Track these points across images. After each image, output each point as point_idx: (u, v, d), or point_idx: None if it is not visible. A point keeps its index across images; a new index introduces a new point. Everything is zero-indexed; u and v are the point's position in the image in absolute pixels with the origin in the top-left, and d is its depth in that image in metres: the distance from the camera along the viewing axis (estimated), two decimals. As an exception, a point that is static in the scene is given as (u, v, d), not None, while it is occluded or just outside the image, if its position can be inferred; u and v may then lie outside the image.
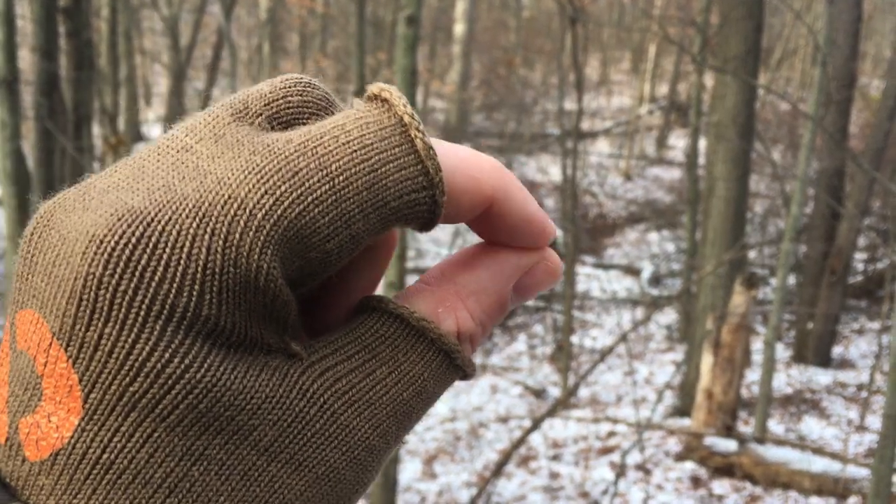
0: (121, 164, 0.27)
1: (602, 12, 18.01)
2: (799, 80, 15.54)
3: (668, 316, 9.06)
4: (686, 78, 14.96)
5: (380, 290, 0.33)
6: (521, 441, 4.72)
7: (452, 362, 0.30)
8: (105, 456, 0.24)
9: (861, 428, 6.02)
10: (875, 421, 6.02)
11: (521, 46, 17.63)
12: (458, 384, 7.78)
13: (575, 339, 8.29)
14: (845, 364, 7.45)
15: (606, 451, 6.01)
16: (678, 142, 16.21)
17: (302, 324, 0.31)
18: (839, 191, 7.35)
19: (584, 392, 7.27)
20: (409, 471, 5.93)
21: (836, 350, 7.65)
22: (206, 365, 0.24)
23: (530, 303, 9.76)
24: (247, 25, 16.18)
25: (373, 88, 0.29)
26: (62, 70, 4.42)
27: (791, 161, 9.83)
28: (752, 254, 9.42)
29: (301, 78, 0.29)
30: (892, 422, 3.17)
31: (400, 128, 0.27)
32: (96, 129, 6.81)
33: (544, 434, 6.31)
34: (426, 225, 0.29)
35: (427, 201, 0.28)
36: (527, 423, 6.52)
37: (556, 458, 6.02)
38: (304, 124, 0.28)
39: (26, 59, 4.95)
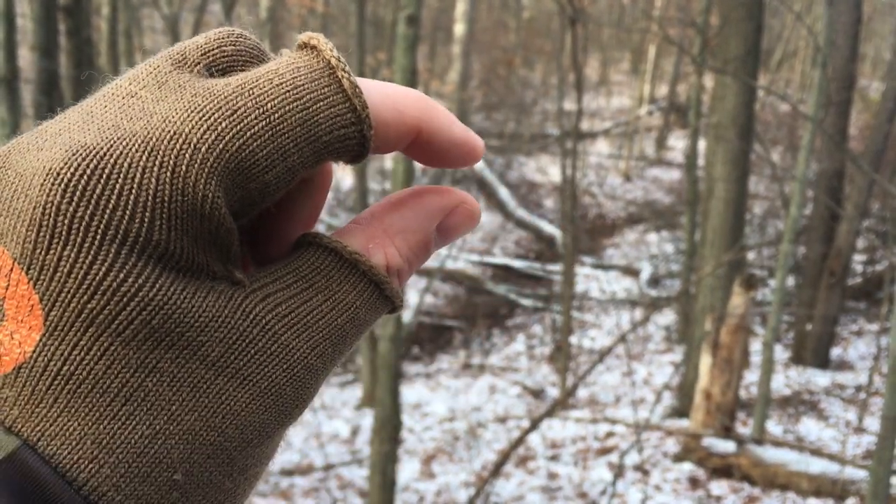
0: (69, 111, 0.29)
1: (602, 13, 18.01)
2: (799, 82, 15.54)
3: (667, 317, 9.06)
4: (686, 79, 14.96)
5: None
6: (520, 441, 4.73)
7: (382, 293, 0.32)
8: (65, 368, 0.26)
9: (859, 429, 6.03)
10: (873, 422, 6.03)
11: (520, 47, 17.64)
12: (457, 385, 7.79)
13: (574, 339, 8.29)
14: (844, 365, 7.45)
15: (605, 451, 6.01)
16: (677, 143, 16.21)
17: (245, 255, 0.33)
18: (838, 192, 7.36)
19: (582, 392, 7.27)
20: (407, 470, 5.93)
21: (835, 351, 7.65)
22: (157, 284, 0.26)
23: (529, 303, 9.76)
24: (247, 24, 16.17)
25: (302, 37, 0.31)
26: (62, 69, 4.42)
27: (790, 162, 9.83)
28: (751, 255, 9.42)
29: (234, 29, 0.32)
30: (891, 423, 3.17)
31: (328, 70, 0.30)
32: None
33: (543, 434, 6.31)
34: (356, 157, 0.31)
35: (356, 135, 0.30)
36: (525, 424, 6.52)
37: (554, 458, 6.02)
38: (237, 70, 0.30)
39: (26, 58, 4.95)
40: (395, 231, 0.33)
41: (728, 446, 5.50)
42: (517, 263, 10.93)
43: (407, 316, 7.99)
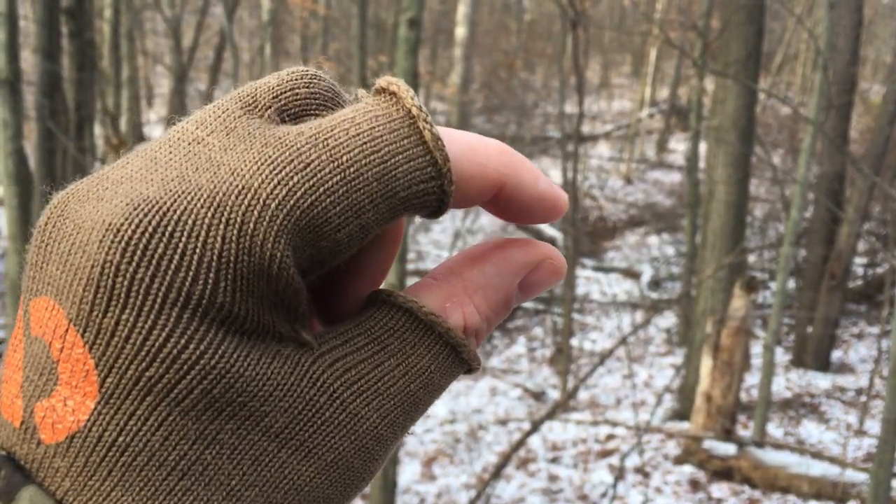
0: (132, 155, 0.27)
1: (603, 16, 18.03)
2: (799, 85, 15.55)
3: (668, 319, 9.06)
4: (686, 82, 14.97)
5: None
6: (521, 443, 4.73)
7: (458, 356, 0.30)
8: (121, 439, 0.24)
9: (860, 432, 6.02)
10: (874, 425, 6.02)
11: (522, 49, 17.65)
12: (457, 386, 7.78)
13: (574, 341, 8.29)
14: (844, 368, 7.45)
15: (605, 453, 6.01)
16: (678, 145, 16.21)
17: (312, 313, 0.31)
18: (839, 195, 7.36)
19: (583, 395, 7.27)
20: (408, 472, 5.93)
21: (836, 354, 7.64)
22: (220, 351, 0.25)
23: (530, 305, 9.76)
24: (249, 27, 16.19)
25: (381, 82, 0.29)
26: (64, 71, 4.43)
27: (791, 165, 9.83)
28: (751, 257, 9.42)
29: (307, 70, 0.29)
30: (892, 426, 3.17)
31: (408, 120, 0.28)
32: (98, 130, 6.82)
33: (543, 436, 6.31)
34: (434, 213, 0.29)
35: (436, 191, 0.28)
36: (526, 426, 6.52)
37: (555, 460, 6.02)
38: (312, 115, 0.29)
39: (28, 60, 4.96)
40: (475, 288, 0.31)
41: (729, 449, 5.50)
42: (518, 266, 10.91)
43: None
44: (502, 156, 0.30)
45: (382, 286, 0.33)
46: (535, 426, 4.78)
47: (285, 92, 0.28)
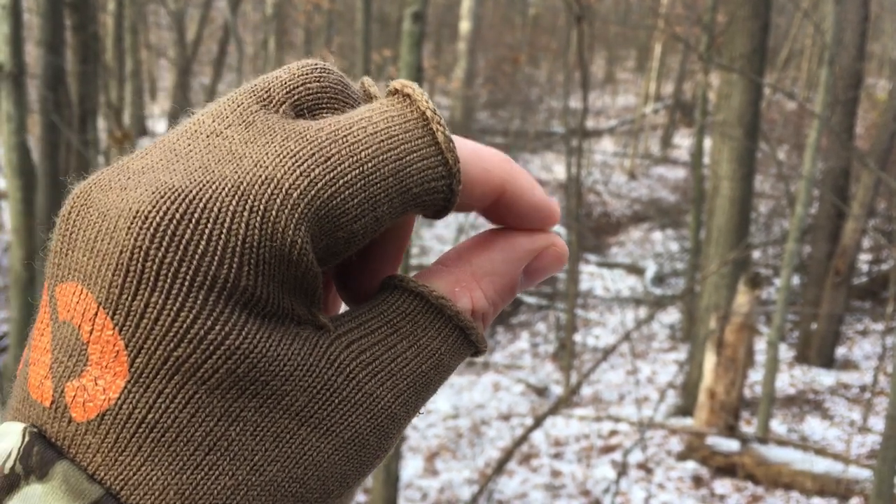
0: (151, 147, 0.29)
1: (608, 10, 17.98)
2: (805, 81, 15.50)
3: (672, 315, 9.05)
4: (691, 77, 14.93)
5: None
6: (523, 439, 4.72)
7: (467, 338, 0.32)
8: (150, 416, 0.25)
9: (864, 429, 6.01)
10: (878, 422, 6.01)
11: (526, 44, 17.62)
12: (461, 381, 7.78)
13: (578, 337, 8.29)
14: (848, 365, 7.43)
15: (608, 449, 6.01)
16: (683, 141, 16.18)
17: (334, 297, 0.34)
18: (844, 191, 7.33)
19: (586, 390, 7.27)
20: (410, 467, 5.93)
21: (840, 351, 7.63)
22: (244, 332, 0.26)
23: (533, 300, 9.76)
24: (252, 21, 16.17)
25: (395, 84, 0.31)
26: (68, 64, 4.42)
27: (796, 161, 9.80)
28: (756, 254, 9.40)
29: (317, 64, 0.31)
30: None
31: (422, 121, 0.30)
32: (101, 123, 6.82)
33: (546, 432, 6.31)
34: (441, 212, 0.31)
35: (445, 190, 0.30)
36: (529, 421, 6.52)
37: (557, 456, 6.02)
38: (324, 108, 0.30)
39: (32, 53, 4.96)
40: (483, 274, 0.32)
41: (732, 445, 5.50)
42: (521, 261, 10.91)
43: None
44: (505, 164, 0.32)
45: None
46: (538, 422, 4.78)
47: (297, 87, 0.30)
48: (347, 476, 0.29)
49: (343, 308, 0.34)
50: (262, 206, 0.26)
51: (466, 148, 0.31)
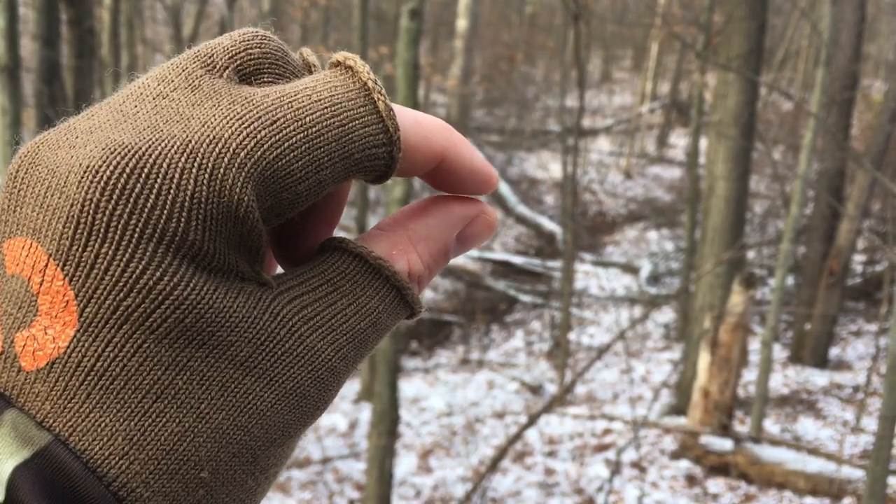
0: (96, 108, 0.29)
1: (605, 9, 17.98)
2: (801, 81, 15.52)
3: (666, 314, 9.07)
4: (687, 76, 14.95)
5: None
6: (517, 437, 4.73)
7: (403, 298, 0.33)
8: (99, 364, 0.26)
9: (857, 429, 6.03)
10: (871, 422, 6.03)
11: (523, 42, 17.62)
12: (455, 379, 7.79)
13: (572, 336, 8.30)
14: (842, 365, 7.46)
15: (602, 448, 6.02)
16: (679, 140, 16.20)
17: (274, 257, 0.35)
18: (839, 192, 7.35)
19: (580, 389, 7.28)
20: (404, 465, 5.93)
21: (834, 351, 7.66)
22: (191, 284, 0.27)
23: (528, 299, 9.77)
24: (249, 16, 16.14)
25: (338, 56, 0.32)
26: (64, 58, 4.41)
27: (791, 161, 9.82)
28: (750, 254, 9.42)
29: (257, 31, 0.32)
30: (889, 423, 3.17)
31: (364, 91, 0.31)
32: (97, 118, 6.79)
33: (540, 430, 6.32)
34: (381, 177, 0.32)
35: (385, 156, 0.31)
36: (523, 419, 6.53)
37: (551, 454, 6.03)
38: (265, 74, 0.31)
39: (28, 48, 4.94)
40: (418, 238, 0.34)
41: (725, 444, 5.51)
42: (517, 259, 10.93)
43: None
44: (445, 131, 0.33)
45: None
46: (532, 420, 4.79)
47: (240, 52, 0.31)
48: (289, 425, 0.29)
49: (279, 271, 0.35)
50: (210, 164, 0.27)
51: (407, 117, 0.32)
